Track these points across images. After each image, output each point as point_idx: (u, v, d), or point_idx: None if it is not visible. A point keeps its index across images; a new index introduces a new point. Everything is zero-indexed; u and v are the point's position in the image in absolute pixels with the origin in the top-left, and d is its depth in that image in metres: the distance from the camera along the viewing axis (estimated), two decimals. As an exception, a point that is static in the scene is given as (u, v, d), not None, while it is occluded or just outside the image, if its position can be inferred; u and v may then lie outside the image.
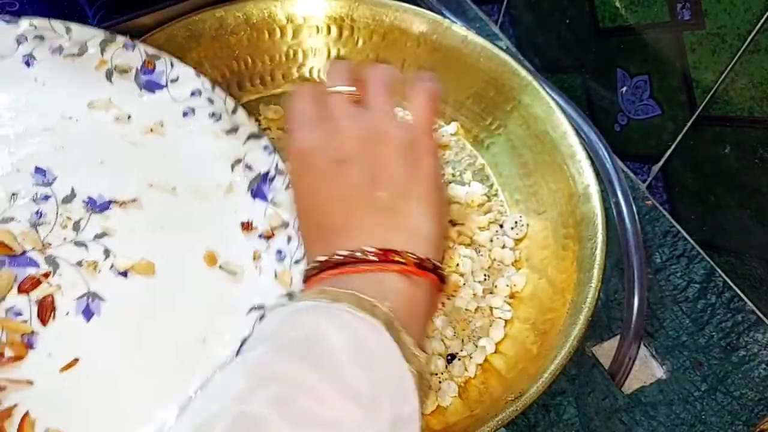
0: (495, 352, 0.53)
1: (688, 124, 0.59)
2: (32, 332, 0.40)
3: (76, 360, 0.40)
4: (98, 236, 0.44)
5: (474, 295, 0.54)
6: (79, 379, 0.40)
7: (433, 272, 0.37)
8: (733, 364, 0.57)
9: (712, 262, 0.62)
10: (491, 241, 0.58)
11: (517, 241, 0.59)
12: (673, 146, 0.62)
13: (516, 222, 0.59)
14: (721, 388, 0.55)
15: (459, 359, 0.52)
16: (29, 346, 0.39)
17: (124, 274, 0.43)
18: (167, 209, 0.46)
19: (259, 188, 0.49)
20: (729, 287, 0.61)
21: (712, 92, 0.56)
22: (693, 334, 0.58)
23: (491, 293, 0.55)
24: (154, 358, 0.42)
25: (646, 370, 0.57)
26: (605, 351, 0.57)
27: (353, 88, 0.43)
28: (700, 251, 0.62)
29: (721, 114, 0.56)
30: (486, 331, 0.53)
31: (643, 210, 0.65)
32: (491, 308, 0.54)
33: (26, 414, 0.38)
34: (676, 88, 0.59)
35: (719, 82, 0.55)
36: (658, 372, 0.57)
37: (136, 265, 0.43)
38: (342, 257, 0.36)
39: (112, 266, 0.43)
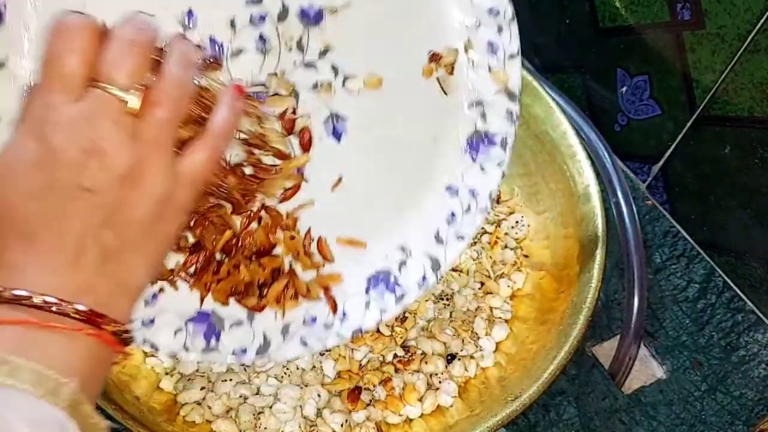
0: (495, 351, 0.53)
1: (688, 124, 0.59)
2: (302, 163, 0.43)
3: (340, 178, 0.44)
4: (322, 53, 0.43)
5: (474, 295, 0.54)
6: (346, 194, 0.44)
7: (121, 340, 0.33)
8: (733, 364, 0.57)
9: (712, 262, 0.62)
10: (492, 241, 0.58)
11: (518, 241, 0.59)
12: (673, 146, 0.62)
13: (516, 222, 0.59)
14: (721, 388, 0.55)
15: (459, 359, 0.52)
16: (302, 175, 0.43)
17: (356, 90, 0.43)
18: (379, 14, 0.43)
19: None
20: (729, 287, 0.61)
21: (712, 92, 0.56)
22: (693, 334, 0.58)
23: (491, 293, 0.55)
24: (397, 161, 0.45)
25: (646, 370, 0.57)
26: (605, 351, 0.57)
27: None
28: (700, 251, 0.62)
29: (721, 114, 0.56)
30: (486, 331, 0.53)
31: (643, 210, 0.65)
32: (491, 308, 0.54)
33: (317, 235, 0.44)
34: (676, 88, 0.59)
35: (719, 82, 0.55)
36: (658, 372, 0.57)
37: (366, 80, 0.43)
38: (34, 302, 0.30)
39: (343, 84, 0.43)
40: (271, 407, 0.48)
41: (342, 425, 0.48)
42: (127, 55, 0.32)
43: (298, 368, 0.50)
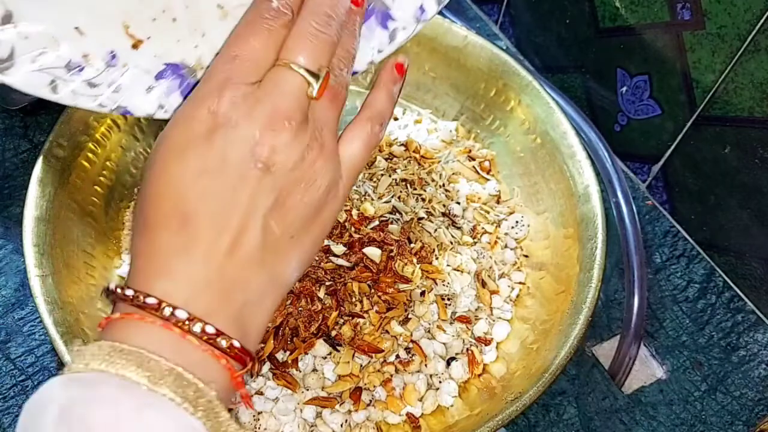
0: (495, 352, 0.53)
1: (688, 124, 0.59)
2: None
3: None
4: None
5: (475, 295, 0.54)
6: None
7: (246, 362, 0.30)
8: (733, 364, 0.57)
9: (712, 262, 0.62)
10: (492, 241, 0.58)
11: (518, 241, 0.59)
12: (673, 146, 0.62)
13: (516, 222, 0.59)
14: (721, 388, 0.55)
15: (459, 360, 0.52)
16: None
17: None
18: None
19: None
20: (729, 287, 0.61)
21: (712, 92, 0.56)
22: (693, 334, 0.58)
23: (492, 293, 0.55)
24: None
25: (646, 370, 0.57)
26: (605, 351, 0.57)
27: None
28: (700, 251, 0.62)
29: (721, 114, 0.56)
30: (487, 331, 0.53)
31: (643, 210, 0.65)
32: (492, 308, 0.54)
33: None
34: (676, 88, 0.59)
35: (719, 82, 0.55)
36: (658, 372, 0.57)
37: None
38: (171, 315, 0.28)
39: None
40: (270, 408, 0.48)
41: (342, 425, 0.48)
42: (316, 37, 0.32)
43: (299, 371, 0.50)
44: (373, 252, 0.53)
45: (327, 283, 0.52)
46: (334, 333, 0.50)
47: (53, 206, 0.51)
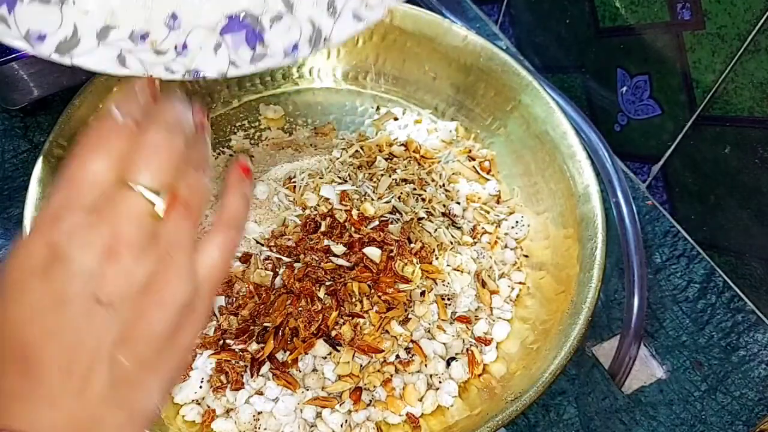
0: (495, 352, 0.53)
1: (688, 124, 0.59)
2: None
3: None
4: None
5: (475, 295, 0.54)
6: None
7: None
8: (733, 364, 0.57)
9: (712, 262, 0.62)
10: (492, 241, 0.58)
11: (518, 241, 0.59)
12: (673, 146, 0.62)
13: (516, 222, 0.59)
14: (721, 388, 0.55)
15: (459, 360, 0.52)
16: None
17: None
18: None
19: None
20: (729, 287, 0.61)
21: (712, 92, 0.56)
22: (693, 334, 0.58)
23: (492, 293, 0.55)
24: None
25: (646, 370, 0.57)
26: (605, 351, 0.57)
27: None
28: (700, 251, 0.62)
29: (721, 114, 0.56)
30: (487, 331, 0.53)
31: (643, 210, 0.65)
32: (492, 308, 0.54)
33: None
34: (676, 88, 0.59)
35: (719, 82, 0.55)
36: (658, 372, 0.57)
37: None
38: None
39: None
40: (270, 408, 0.48)
41: (342, 425, 0.48)
42: (157, 154, 0.30)
43: (299, 371, 0.50)
44: (373, 252, 0.53)
45: (327, 283, 0.52)
46: (334, 333, 0.50)
47: (53, 206, 0.51)
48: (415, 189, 0.58)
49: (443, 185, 0.60)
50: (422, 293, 0.53)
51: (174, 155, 0.31)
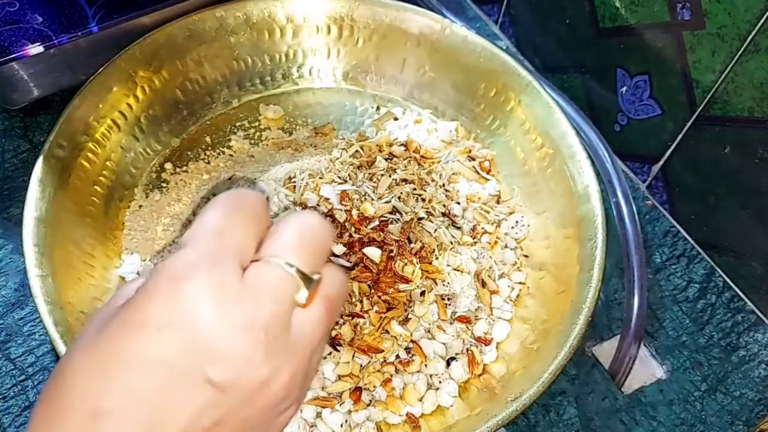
0: (495, 352, 0.53)
1: (688, 124, 0.59)
2: None
3: None
4: None
5: (475, 295, 0.54)
6: None
7: None
8: (733, 364, 0.57)
9: (712, 262, 0.62)
10: (492, 241, 0.58)
11: (518, 241, 0.59)
12: (673, 146, 0.62)
13: (516, 222, 0.59)
14: (721, 388, 0.55)
15: (459, 360, 0.52)
16: None
17: None
18: None
19: None
20: (729, 287, 0.61)
21: (712, 92, 0.56)
22: (693, 334, 0.58)
23: (492, 293, 0.55)
24: None
25: (646, 370, 0.57)
26: (605, 351, 0.57)
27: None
28: (700, 251, 0.62)
29: (721, 114, 0.56)
30: (487, 331, 0.53)
31: (643, 210, 0.65)
32: (492, 308, 0.54)
33: None
34: (676, 88, 0.59)
35: (719, 82, 0.55)
36: (658, 372, 0.57)
37: None
38: None
39: None
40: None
41: (342, 425, 0.48)
42: (312, 237, 0.27)
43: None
44: (373, 252, 0.53)
45: (327, 283, 0.52)
46: (334, 333, 0.50)
47: (53, 207, 0.51)
48: (415, 189, 0.58)
49: (443, 185, 0.60)
50: (422, 293, 0.53)
51: (325, 242, 0.28)
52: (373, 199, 0.57)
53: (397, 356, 0.51)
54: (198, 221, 0.27)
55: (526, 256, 0.58)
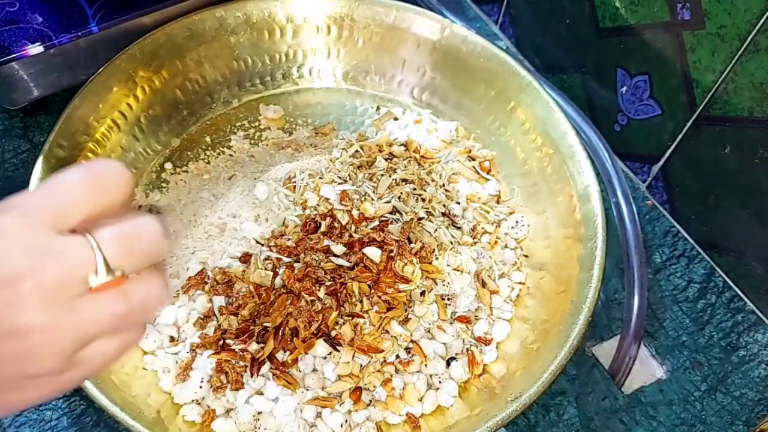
0: (495, 352, 0.53)
1: (688, 124, 0.59)
2: None
3: None
4: None
5: (475, 295, 0.54)
6: None
7: None
8: (733, 364, 0.57)
9: (712, 262, 0.62)
10: (492, 241, 0.58)
11: (518, 241, 0.59)
12: (673, 146, 0.62)
13: (516, 222, 0.59)
14: (721, 388, 0.55)
15: (459, 360, 0.52)
16: None
17: None
18: None
19: None
20: (729, 287, 0.61)
21: (712, 92, 0.56)
22: (693, 334, 0.58)
23: (492, 293, 0.55)
24: None
25: (646, 370, 0.57)
26: (605, 351, 0.57)
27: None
28: (700, 251, 0.62)
29: (721, 114, 0.56)
30: (487, 331, 0.53)
31: (643, 210, 0.65)
32: (492, 308, 0.54)
33: None
34: (676, 88, 0.59)
35: (719, 82, 0.55)
36: (658, 372, 0.57)
37: None
38: None
39: None
40: (270, 408, 0.48)
41: (342, 425, 0.48)
42: (137, 237, 0.28)
43: (299, 371, 0.50)
44: (373, 252, 0.53)
45: (327, 283, 0.52)
46: (334, 333, 0.50)
47: (53, 206, 0.51)
48: (415, 189, 0.58)
49: (443, 185, 0.60)
50: (422, 293, 0.53)
51: (150, 250, 0.29)
52: (373, 199, 0.57)
53: (397, 356, 0.51)
54: (53, 176, 0.28)
55: (526, 256, 0.58)
